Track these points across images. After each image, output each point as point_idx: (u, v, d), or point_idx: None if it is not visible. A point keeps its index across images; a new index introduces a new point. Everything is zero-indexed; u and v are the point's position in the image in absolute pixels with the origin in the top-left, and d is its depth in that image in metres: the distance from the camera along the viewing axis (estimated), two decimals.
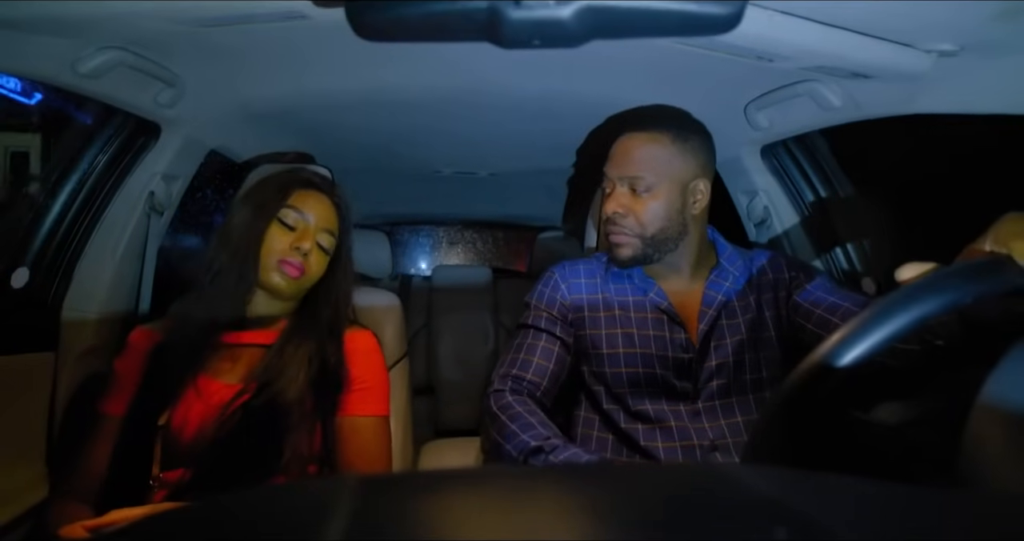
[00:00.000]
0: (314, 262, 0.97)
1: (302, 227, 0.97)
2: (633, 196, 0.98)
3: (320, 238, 0.98)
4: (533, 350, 1.02)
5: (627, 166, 0.99)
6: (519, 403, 0.95)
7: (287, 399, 0.89)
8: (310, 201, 0.99)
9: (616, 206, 0.99)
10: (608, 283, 1.05)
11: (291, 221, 0.96)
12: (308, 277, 0.97)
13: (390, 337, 1.20)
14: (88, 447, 0.89)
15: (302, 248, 0.95)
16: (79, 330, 1.11)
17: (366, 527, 0.20)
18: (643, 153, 0.98)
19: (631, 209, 0.98)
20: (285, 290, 0.96)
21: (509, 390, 0.98)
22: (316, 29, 0.80)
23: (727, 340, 0.99)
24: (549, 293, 1.07)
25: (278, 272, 0.94)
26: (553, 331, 1.03)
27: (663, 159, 0.98)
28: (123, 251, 1.16)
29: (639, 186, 0.98)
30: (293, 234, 0.96)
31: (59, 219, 1.11)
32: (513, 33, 0.38)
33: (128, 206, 1.15)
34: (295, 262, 0.94)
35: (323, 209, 0.99)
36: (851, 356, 0.39)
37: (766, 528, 0.20)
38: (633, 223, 0.98)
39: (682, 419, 0.96)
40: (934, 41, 0.72)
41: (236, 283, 0.94)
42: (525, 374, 1.00)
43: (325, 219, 0.99)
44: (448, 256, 3.34)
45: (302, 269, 0.95)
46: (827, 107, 0.96)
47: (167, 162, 1.16)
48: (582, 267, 1.09)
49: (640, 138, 1.00)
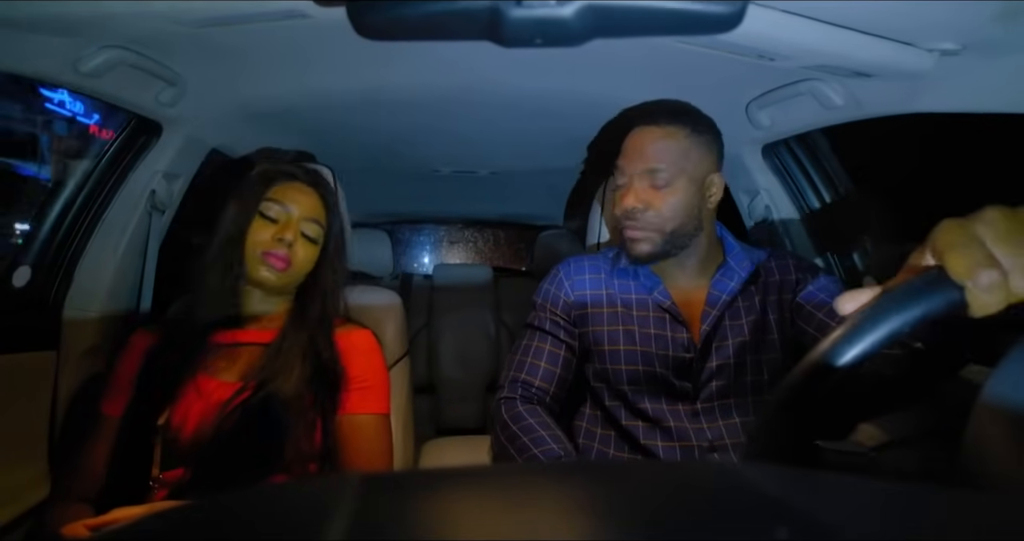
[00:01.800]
0: (301, 252, 0.97)
1: (284, 218, 0.97)
2: (652, 190, 0.96)
3: (305, 228, 0.98)
4: (540, 354, 1.02)
5: (645, 159, 0.96)
6: (531, 413, 0.96)
7: (285, 396, 0.89)
8: (291, 192, 0.99)
9: (634, 200, 0.96)
10: (613, 279, 1.04)
11: (273, 214, 0.97)
12: (295, 268, 0.97)
13: (391, 336, 1.20)
14: (88, 447, 0.90)
15: (285, 239, 0.95)
16: (80, 329, 1.12)
17: (367, 526, 0.20)
18: (661, 146, 0.96)
19: (650, 203, 0.96)
20: (275, 283, 0.96)
21: (520, 398, 0.99)
22: (317, 28, 0.80)
23: (729, 341, 0.97)
24: (554, 291, 1.06)
25: (264, 265, 0.94)
26: (558, 334, 1.03)
27: (680, 153, 0.96)
28: (124, 250, 1.16)
29: (658, 180, 0.95)
30: (275, 226, 0.96)
31: (60, 218, 1.11)
32: (514, 32, 0.38)
33: (129, 205, 1.16)
34: (280, 253, 0.94)
35: (306, 199, 1.00)
36: (850, 355, 0.39)
37: (768, 527, 0.20)
38: (652, 217, 0.96)
39: (681, 419, 0.95)
40: (936, 40, 0.72)
41: (225, 279, 0.94)
42: (534, 379, 1.01)
43: (309, 208, 0.99)
44: (449, 255, 3.33)
45: (287, 260, 0.95)
46: (829, 106, 0.96)
47: (168, 161, 1.16)
48: (587, 264, 1.08)
49: (656, 132, 0.98)
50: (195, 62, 0.94)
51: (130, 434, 0.88)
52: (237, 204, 0.97)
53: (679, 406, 0.96)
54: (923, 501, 0.23)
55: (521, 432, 0.92)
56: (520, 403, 0.98)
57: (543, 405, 0.99)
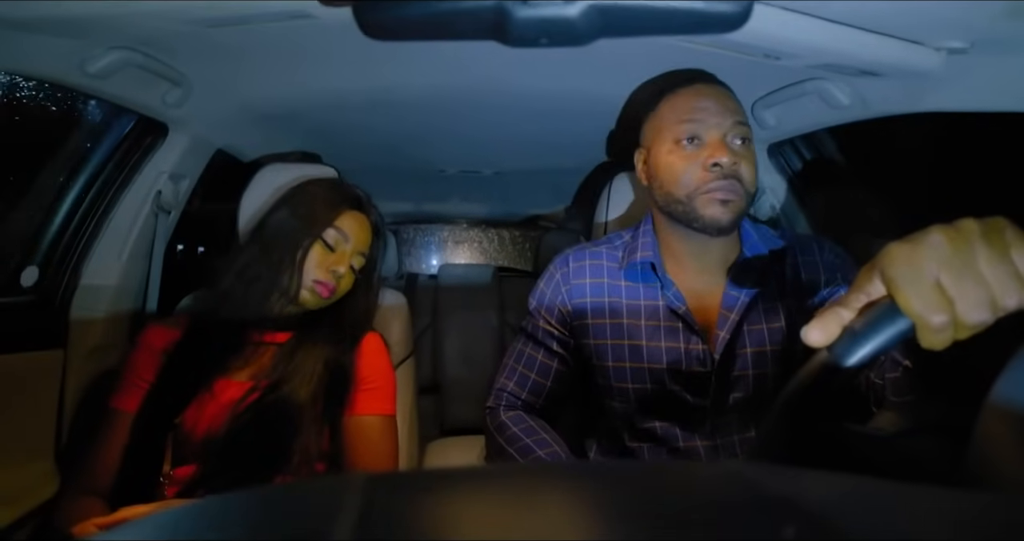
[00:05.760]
0: (344, 283, 0.98)
1: (341, 249, 0.97)
2: (742, 146, 0.86)
3: (354, 260, 0.99)
4: (532, 364, 0.97)
5: (731, 112, 0.85)
6: (515, 421, 0.92)
7: (299, 399, 0.89)
8: (353, 222, 0.99)
9: (732, 155, 0.83)
10: (618, 280, 0.93)
11: (332, 241, 0.96)
12: (335, 296, 0.98)
13: (396, 336, 1.21)
14: (100, 442, 0.90)
15: (337, 272, 0.95)
16: (87, 328, 1.12)
17: (373, 526, 0.20)
18: (733, 102, 0.87)
19: (740, 157, 0.84)
20: (311, 305, 0.97)
21: (503, 407, 0.96)
22: (322, 29, 0.80)
23: (748, 350, 0.87)
24: (550, 296, 0.97)
25: (310, 290, 0.94)
26: (551, 346, 0.96)
27: (745, 113, 0.88)
28: (130, 250, 1.16)
29: (743, 133, 0.85)
30: (332, 256, 0.96)
31: (68, 218, 1.12)
32: (520, 32, 0.38)
33: (135, 205, 1.16)
34: (329, 284, 0.95)
35: (362, 231, 1.00)
36: (859, 355, 0.39)
37: (777, 527, 0.20)
38: (745, 174, 0.84)
39: (692, 439, 0.88)
40: (944, 38, 0.71)
41: (274, 295, 0.94)
42: (521, 391, 0.97)
43: (362, 242, 1.00)
44: (454, 255, 3.33)
45: (333, 290, 0.96)
46: (835, 105, 0.95)
47: (174, 161, 1.17)
48: (589, 263, 0.96)
49: (722, 90, 0.88)
50: (201, 63, 0.95)
51: (144, 430, 0.89)
52: (300, 221, 0.96)
53: (691, 425, 0.88)
54: (931, 501, 0.23)
55: (507, 443, 0.89)
56: (503, 412, 0.95)
57: (529, 412, 0.95)
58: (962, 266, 0.36)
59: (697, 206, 0.85)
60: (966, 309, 0.36)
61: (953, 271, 0.36)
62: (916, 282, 0.37)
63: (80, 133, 1.17)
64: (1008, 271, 0.36)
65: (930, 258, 0.37)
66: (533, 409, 0.97)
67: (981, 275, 0.36)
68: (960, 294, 0.36)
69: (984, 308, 0.36)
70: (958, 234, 0.38)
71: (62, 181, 1.12)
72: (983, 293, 0.36)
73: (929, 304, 0.36)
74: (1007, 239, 0.37)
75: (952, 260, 0.37)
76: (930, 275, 0.37)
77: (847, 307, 0.42)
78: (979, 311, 0.36)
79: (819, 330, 0.41)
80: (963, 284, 0.36)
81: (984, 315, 0.36)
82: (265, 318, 0.96)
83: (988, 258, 0.36)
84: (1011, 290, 0.36)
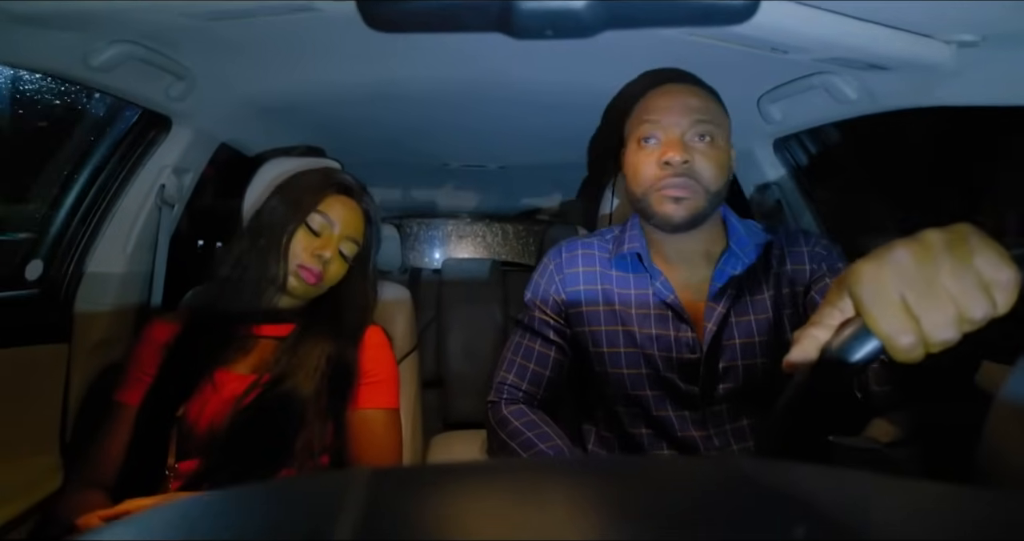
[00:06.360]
0: (332, 270, 0.97)
1: (327, 234, 0.97)
2: (700, 143, 0.87)
3: (343, 246, 0.98)
4: (530, 355, 0.99)
5: (691, 111, 0.87)
6: (517, 415, 0.93)
7: (303, 394, 0.89)
8: (339, 207, 0.98)
9: (683, 152, 0.85)
10: (609, 271, 0.97)
11: (317, 226, 0.96)
12: (323, 284, 0.97)
13: (400, 330, 1.21)
14: (104, 435, 0.90)
15: (323, 256, 0.95)
16: (92, 322, 1.13)
17: (377, 520, 0.20)
18: (702, 101, 0.89)
19: (698, 154, 0.86)
20: (300, 293, 0.96)
21: (505, 401, 0.97)
22: (326, 22, 0.80)
23: (736, 340, 0.90)
24: (544, 286, 1.01)
25: (295, 276, 0.94)
26: (548, 335, 0.98)
27: (717, 111, 0.90)
28: (135, 244, 1.17)
29: (706, 133, 0.87)
30: (317, 240, 0.96)
31: (72, 212, 1.12)
32: (525, 24, 0.38)
33: (139, 199, 1.16)
34: (314, 269, 0.94)
35: (351, 216, 0.99)
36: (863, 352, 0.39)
37: (785, 524, 0.20)
38: (702, 171, 0.86)
39: (687, 426, 0.90)
40: (954, 31, 0.71)
41: (262, 281, 0.94)
42: (521, 382, 0.98)
43: (351, 227, 0.99)
44: (457, 249, 3.33)
45: (319, 276, 0.95)
46: (842, 100, 0.95)
47: (178, 155, 1.17)
48: (581, 253, 1.00)
49: (693, 88, 0.91)
50: (204, 56, 0.95)
51: (148, 423, 0.89)
52: (286, 207, 0.96)
53: (685, 411, 0.90)
54: (940, 497, 0.23)
55: (509, 437, 0.90)
56: (505, 405, 0.96)
57: (530, 404, 0.97)
58: (926, 283, 0.37)
59: (652, 203, 0.89)
60: (931, 328, 0.37)
61: (917, 289, 0.37)
62: (882, 302, 0.38)
63: (83, 127, 1.17)
64: (972, 282, 0.36)
65: (894, 276, 0.38)
66: (534, 400, 0.98)
67: (946, 291, 0.37)
68: (925, 313, 0.37)
69: (949, 326, 0.37)
70: (921, 248, 0.38)
71: (66, 175, 1.12)
72: (949, 310, 0.36)
73: (895, 324, 0.37)
74: (970, 246, 0.37)
75: (916, 278, 0.37)
76: (895, 293, 0.37)
77: (822, 326, 0.42)
78: (944, 330, 0.37)
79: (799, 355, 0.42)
80: (927, 302, 0.37)
81: (949, 333, 0.37)
82: (261, 308, 0.96)
83: (952, 270, 0.37)
84: (977, 302, 0.36)
